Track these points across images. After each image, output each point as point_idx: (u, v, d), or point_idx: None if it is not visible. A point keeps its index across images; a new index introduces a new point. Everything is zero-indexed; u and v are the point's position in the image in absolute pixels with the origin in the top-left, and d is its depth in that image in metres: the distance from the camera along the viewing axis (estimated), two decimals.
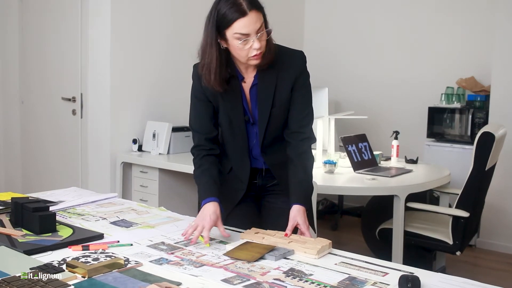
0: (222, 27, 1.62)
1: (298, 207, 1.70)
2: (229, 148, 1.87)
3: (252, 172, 1.88)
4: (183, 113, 4.15)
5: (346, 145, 3.40)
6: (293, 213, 1.69)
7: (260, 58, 1.66)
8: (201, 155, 1.82)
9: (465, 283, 1.30)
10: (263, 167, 1.88)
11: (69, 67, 4.09)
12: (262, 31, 1.62)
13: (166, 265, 1.39)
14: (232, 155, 1.88)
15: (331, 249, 1.55)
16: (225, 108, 1.79)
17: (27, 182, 4.49)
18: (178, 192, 3.88)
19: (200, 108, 1.82)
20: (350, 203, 5.12)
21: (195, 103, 1.83)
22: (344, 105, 5.21)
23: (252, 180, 1.90)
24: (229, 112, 1.79)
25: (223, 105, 1.79)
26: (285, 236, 1.60)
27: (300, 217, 1.68)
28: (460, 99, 4.48)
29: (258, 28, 1.60)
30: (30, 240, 1.54)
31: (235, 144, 1.85)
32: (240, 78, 1.77)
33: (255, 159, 1.87)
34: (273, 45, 1.71)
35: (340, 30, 5.33)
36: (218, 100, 1.78)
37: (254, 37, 1.60)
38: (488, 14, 4.41)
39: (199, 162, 1.82)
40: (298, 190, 1.74)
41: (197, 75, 1.77)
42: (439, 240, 3.08)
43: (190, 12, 4.22)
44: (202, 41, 1.69)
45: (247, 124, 1.81)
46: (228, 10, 1.59)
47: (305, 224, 1.67)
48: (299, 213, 1.68)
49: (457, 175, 3.86)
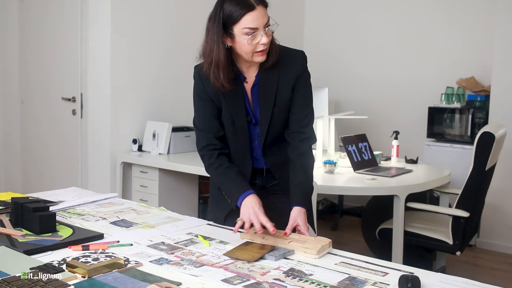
0: (230, 24, 1.63)
1: (298, 208, 1.70)
2: (231, 149, 1.87)
3: (253, 172, 1.89)
4: (183, 113, 4.18)
5: (346, 145, 3.40)
6: (294, 214, 1.69)
7: (265, 54, 1.67)
8: (216, 154, 1.81)
9: (465, 283, 1.30)
10: (263, 167, 1.88)
11: (69, 67, 4.10)
12: (268, 26, 1.65)
13: (166, 265, 1.39)
14: (234, 156, 1.87)
15: (331, 248, 1.55)
16: (228, 109, 1.79)
17: (27, 182, 4.50)
18: (178, 192, 3.88)
19: (205, 108, 1.81)
20: (350, 203, 5.12)
21: (199, 103, 1.82)
22: (344, 105, 5.21)
23: (252, 180, 1.90)
24: (232, 112, 1.79)
25: (225, 106, 1.78)
26: (284, 235, 1.61)
27: (301, 219, 1.68)
28: (460, 99, 4.48)
29: (265, 22, 1.63)
30: (30, 240, 1.54)
31: (237, 144, 1.84)
32: (242, 78, 1.77)
33: (256, 160, 1.87)
34: (276, 45, 1.73)
35: (340, 30, 5.33)
36: (221, 101, 1.78)
37: (262, 31, 1.63)
38: (488, 14, 4.41)
39: (217, 161, 1.81)
40: (298, 192, 1.74)
41: (199, 76, 1.78)
42: (439, 240, 3.08)
43: (190, 12, 4.22)
44: (204, 42, 1.69)
45: (249, 124, 1.81)
46: (236, 6, 1.61)
47: (305, 226, 1.68)
48: (300, 214, 1.69)
49: (457, 175, 3.86)
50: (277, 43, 1.74)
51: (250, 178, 1.88)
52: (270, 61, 1.71)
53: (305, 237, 1.62)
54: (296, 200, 1.72)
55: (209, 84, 1.73)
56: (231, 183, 1.76)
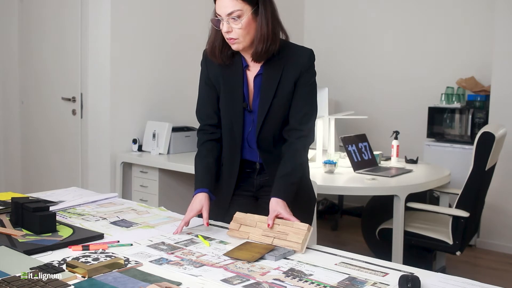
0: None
1: (275, 199, 1.69)
2: (224, 136, 1.90)
3: (248, 166, 1.89)
4: (183, 113, 4.18)
5: (346, 145, 3.40)
6: (272, 205, 1.68)
7: (235, 43, 1.73)
8: (202, 141, 1.91)
9: (465, 283, 1.30)
10: (257, 161, 1.88)
11: (69, 67, 4.09)
12: (236, 18, 1.67)
13: (166, 265, 1.39)
14: (226, 144, 1.90)
15: (310, 232, 1.57)
16: (225, 92, 1.84)
17: (27, 182, 4.49)
18: (178, 192, 3.88)
19: (205, 94, 1.90)
20: (350, 203, 5.12)
21: (201, 86, 1.91)
22: (344, 105, 5.21)
23: (250, 177, 1.90)
24: (228, 96, 1.84)
25: (223, 89, 1.85)
26: (268, 227, 1.62)
27: (280, 207, 1.67)
28: (460, 99, 4.48)
29: (228, 12, 1.67)
30: (30, 240, 1.54)
31: (231, 131, 1.86)
32: (244, 64, 1.81)
33: (251, 149, 1.87)
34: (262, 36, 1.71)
35: (340, 30, 5.34)
36: (220, 83, 1.85)
37: (225, 20, 1.69)
38: (488, 14, 4.41)
39: (199, 149, 1.91)
40: (279, 184, 1.73)
41: (205, 59, 1.87)
42: (439, 240, 3.08)
43: (190, 12, 4.22)
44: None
45: (245, 111, 1.84)
46: None
47: (286, 212, 1.65)
48: (278, 204, 1.67)
49: (457, 175, 3.86)
50: (282, 38, 1.78)
51: (247, 174, 1.90)
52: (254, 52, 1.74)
53: (286, 228, 1.60)
54: (274, 192, 1.72)
55: (211, 66, 1.84)
56: (195, 176, 1.86)
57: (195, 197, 1.78)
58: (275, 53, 1.76)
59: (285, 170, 1.75)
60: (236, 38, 1.71)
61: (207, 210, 1.74)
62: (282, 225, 1.62)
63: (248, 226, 1.67)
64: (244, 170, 1.90)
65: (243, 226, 1.68)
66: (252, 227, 1.66)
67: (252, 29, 1.71)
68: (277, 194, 1.71)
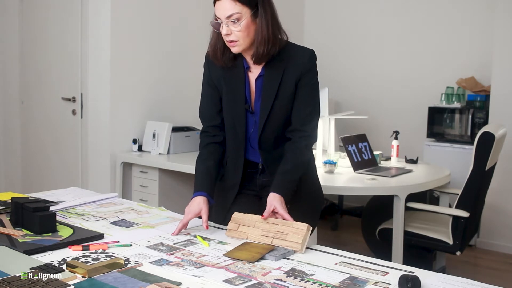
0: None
1: (273, 194, 1.72)
2: (228, 138, 1.91)
3: (250, 167, 1.90)
4: (183, 113, 4.18)
5: (346, 145, 3.40)
6: (269, 199, 1.71)
7: (235, 46, 1.73)
8: (204, 143, 1.92)
9: (465, 283, 1.30)
10: (259, 162, 1.90)
11: (69, 67, 4.09)
12: (235, 21, 1.68)
13: (166, 266, 1.39)
14: (230, 145, 1.91)
15: (309, 231, 1.57)
16: (227, 94, 1.85)
17: (27, 182, 4.49)
18: (178, 192, 3.88)
19: (208, 95, 1.91)
20: (350, 203, 5.12)
21: (204, 89, 1.92)
22: (344, 105, 5.21)
23: (252, 178, 1.91)
24: (230, 97, 1.84)
25: (226, 91, 1.85)
26: (262, 218, 1.64)
27: (277, 202, 1.68)
28: (460, 99, 4.48)
29: (228, 15, 1.68)
30: (30, 240, 1.54)
31: (234, 133, 1.87)
32: (246, 66, 1.82)
33: (253, 149, 1.88)
34: (262, 39, 1.72)
35: (340, 30, 5.33)
36: (222, 85, 1.85)
37: (224, 23, 1.69)
38: (488, 14, 4.41)
39: (201, 151, 1.91)
40: (278, 180, 1.76)
41: (207, 61, 1.88)
42: (439, 240, 3.07)
43: (190, 12, 4.22)
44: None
45: (247, 112, 1.84)
46: None
47: (281, 207, 1.67)
48: (275, 199, 1.70)
49: (457, 175, 3.86)
50: (285, 39, 1.79)
51: (250, 174, 1.91)
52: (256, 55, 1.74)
53: (285, 228, 1.60)
54: (273, 187, 1.74)
55: (214, 69, 1.86)
56: (195, 179, 1.86)
57: (193, 200, 1.78)
58: (275, 54, 1.77)
59: (285, 167, 1.78)
60: (235, 40, 1.71)
61: (206, 213, 1.75)
62: (282, 225, 1.62)
63: (247, 226, 1.67)
64: (247, 170, 1.92)
65: (241, 226, 1.68)
66: (251, 227, 1.66)
67: (251, 31, 1.71)
68: (275, 189, 1.73)
